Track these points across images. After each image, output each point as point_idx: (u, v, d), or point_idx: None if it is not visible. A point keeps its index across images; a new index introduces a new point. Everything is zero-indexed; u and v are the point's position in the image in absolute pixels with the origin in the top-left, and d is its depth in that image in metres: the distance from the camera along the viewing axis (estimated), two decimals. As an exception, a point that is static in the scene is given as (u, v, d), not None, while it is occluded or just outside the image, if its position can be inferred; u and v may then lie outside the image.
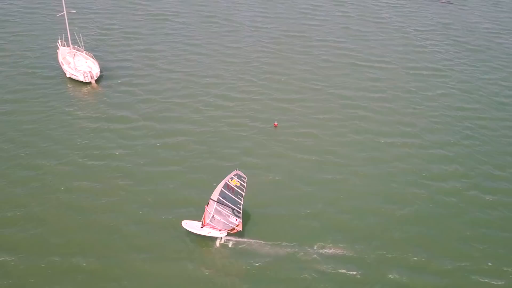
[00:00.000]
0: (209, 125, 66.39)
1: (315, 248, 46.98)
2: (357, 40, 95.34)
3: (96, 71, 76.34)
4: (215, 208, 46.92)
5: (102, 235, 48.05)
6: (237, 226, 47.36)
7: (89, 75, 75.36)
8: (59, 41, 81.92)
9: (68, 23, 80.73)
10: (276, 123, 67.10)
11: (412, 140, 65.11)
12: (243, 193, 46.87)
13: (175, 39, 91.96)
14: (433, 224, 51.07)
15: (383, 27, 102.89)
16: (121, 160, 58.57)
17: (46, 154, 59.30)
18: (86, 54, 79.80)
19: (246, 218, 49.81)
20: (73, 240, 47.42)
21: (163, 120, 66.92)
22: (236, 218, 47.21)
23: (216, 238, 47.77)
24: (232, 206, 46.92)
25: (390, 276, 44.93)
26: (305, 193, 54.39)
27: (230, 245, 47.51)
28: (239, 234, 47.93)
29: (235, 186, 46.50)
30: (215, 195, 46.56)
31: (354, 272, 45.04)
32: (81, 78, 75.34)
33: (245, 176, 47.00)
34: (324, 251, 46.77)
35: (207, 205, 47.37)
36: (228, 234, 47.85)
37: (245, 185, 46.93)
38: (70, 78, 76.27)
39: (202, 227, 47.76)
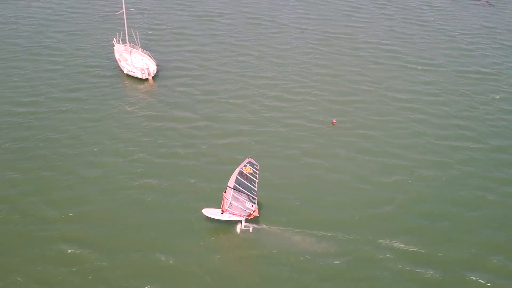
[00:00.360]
0: (267, 125, 66.90)
1: (388, 244, 47.39)
2: (403, 42, 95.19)
3: (153, 68, 77.57)
4: (232, 195, 48.94)
5: (176, 231, 48.80)
6: (253, 212, 49.45)
7: (146, 72, 76.64)
8: (114, 38, 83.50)
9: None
10: (334, 121, 67.81)
11: (473, 143, 64.95)
12: (257, 180, 48.62)
13: (224, 40, 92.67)
14: (505, 228, 50.97)
15: (428, 29, 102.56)
16: (187, 159, 59.32)
17: (112, 152, 60.32)
18: (142, 51, 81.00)
19: (311, 216, 50.34)
20: (147, 236, 48.20)
21: (223, 120, 67.58)
22: (252, 204, 49.20)
23: (236, 224, 49.76)
24: (247, 192, 48.83)
25: (468, 278, 45.02)
26: (372, 195, 54.63)
27: (250, 230, 49.32)
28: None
29: (249, 173, 48.28)
30: (231, 182, 48.61)
31: (431, 273, 45.25)
32: (139, 75, 76.53)
33: (257, 164, 48.58)
34: (394, 250, 47.11)
35: (224, 192, 49.32)
36: (247, 220, 49.73)
37: (257, 172, 48.57)
38: (127, 75, 77.52)
39: (222, 213, 49.90)
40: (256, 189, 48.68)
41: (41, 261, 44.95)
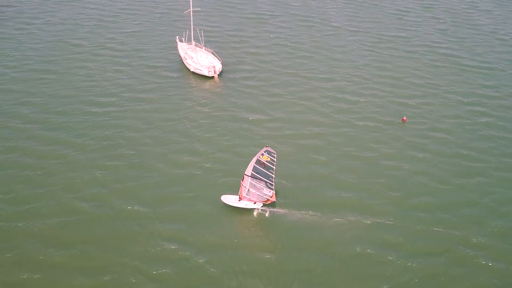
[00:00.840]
0: (338, 125, 67.73)
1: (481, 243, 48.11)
2: (457, 45, 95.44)
3: (218, 66, 79.09)
4: (250, 182, 50.82)
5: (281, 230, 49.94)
6: (271, 197, 51.26)
7: (212, 69, 78.21)
8: (177, 37, 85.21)
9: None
10: (405, 118, 68.93)
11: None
12: (274, 167, 49.91)
13: (280, 41, 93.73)
14: None
15: (479, 32, 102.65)
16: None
17: (192, 151, 61.41)
18: (205, 50, 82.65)
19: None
20: (257, 235, 49.31)
21: (294, 121, 68.47)
22: (270, 190, 50.89)
23: (253, 209, 51.63)
24: (265, 179, 50.46)
25: None
26: (457, 195, 55.25)
27: (266, 215, 51.21)
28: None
29: (266, 161, 49.70)
30: (248, 170, 50.33)
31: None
32: (206, 73, 78.11)
33: (274, 152, 49.78)
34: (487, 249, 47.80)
35: (242, 180, 51.25)
36: (264, 205, 51.70)
37: (275, 160, 49.70)
38: (193, 73, 79.12)
39: (239, 200, 51.89)
40: (273, 176, 50.20)
41: (146, 258, 46.15)
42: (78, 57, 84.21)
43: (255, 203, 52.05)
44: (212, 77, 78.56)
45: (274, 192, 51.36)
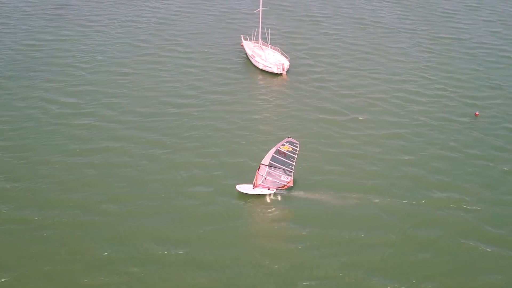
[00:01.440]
0: (416, 125, 69.02)
1: None
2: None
3: (287, 63, 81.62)
4: (267, 171, 51.61)
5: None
6: (288, 183, 52.28)
7: (281, 66, 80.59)
8: (242, 36, 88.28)
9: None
10: (477, 113, 71.21)
11: None
12: (295, 156, 50.78)
13: (339, 42, 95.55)
14: None
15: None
16: (355, 148, 63.07)
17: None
18: (271, 47, 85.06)
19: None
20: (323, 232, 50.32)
21: (373, 121, 70.04)
22: (288, 176, 51.91)
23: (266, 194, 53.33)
24: (283, 167, 51.28)
25: None
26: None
27: (279, 198, 52.97)
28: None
29: (287, 151, 50.33)
30: (266, 160, 51.01)
31: None
32: (275, 70, 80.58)
33: (297, 142, 50.59)
34: None
35: (258, 169, 51.87)
36: (278, 190, 53.14)
37: (297, 149, 50.51)
38: (261, 70, 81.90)
39: (254, 188, 52.87)
40: (294, 164, 51.09)
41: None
42: (147, 59, 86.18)
43: (269, 189, 53.05)
44: (281, 74, 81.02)
45: (292, 178, 52.39)
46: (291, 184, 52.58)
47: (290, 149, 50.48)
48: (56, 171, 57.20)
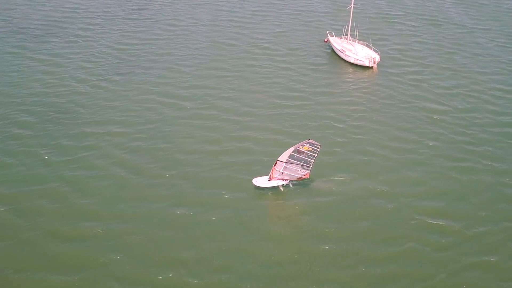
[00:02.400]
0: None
1: None
2: None
3: (377, 57, 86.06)
4: (284, 167, 52.55)
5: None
6: (304, 175, 53.23)
7: (372, 60, 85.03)
8: (327, 32, 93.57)
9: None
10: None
11: None
12: (316, 155, 52.25)
13: (417, 36, 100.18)
14: None
15: None
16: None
17: (397, 138, 67.04)
18: (359, 42, 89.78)
19: None
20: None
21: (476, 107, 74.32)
22: (305, 170, 52.86)
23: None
24: (301, 163, 52.27)
25: None
26: None
27: (291, 185, 54.65)
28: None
29: (307, 151, 51.46)
30: (283, 156, 52.05)
31: None
32: (367, 63, 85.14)
33: (318, 144, 52.13)
34: None
35: (274, 165, 52.77)
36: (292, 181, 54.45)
37: (318, 150, 51.98)
38: (352, 64, 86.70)
39: (269, 180, 53.90)
40: (313, 161, 52.39)
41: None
42: (242, 56, 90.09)
43: (283, 180, 54.07)
44: (371, 67, 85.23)
45: (309, 172, 53.46)
46: (307, 176, 53.77)
47: (310, 149, 51.63)
48: (199, 161, 61.00)
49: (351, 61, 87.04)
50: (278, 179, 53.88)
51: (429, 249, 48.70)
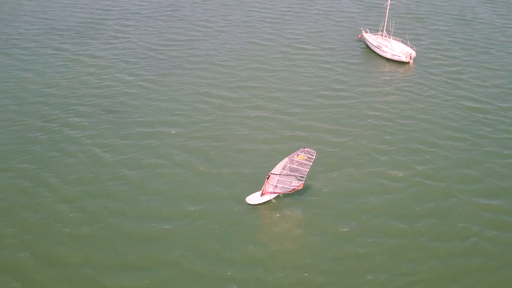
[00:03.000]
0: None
1: None
2: None
3: (414, 53, 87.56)
4: (278, 179, 51.06)
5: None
6: (298, 186, 51.51)
7: (409, 55, 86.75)
8: (361, 29, 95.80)
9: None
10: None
11: None
12: (311, 164, 50.69)
13: (449, 35, 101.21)
14: None
15: None
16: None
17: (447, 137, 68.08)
18: (394, 38, 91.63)
19: None
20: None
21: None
22: (299, 181, 51.11)
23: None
24: (295, 174, 50.66)
25: None
26: None
27: (281, 196, 52.91)
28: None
29: (302, 160, 50.03)
30: (277, 169, 50.53)
31: None
32: (404, 58, 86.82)
33: (314, 151, 50.90)
34: None
35: (267, 179, 51.09)
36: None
37: (313, 158, 50.47)
38: (388, 59, 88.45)
39: (262, 195, 52.08)
40: (307, 170, 50.85)
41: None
42: (279, 56, 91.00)
43: (276, 193, 52.47)
44: (408, 62, 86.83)
45: (303, 183, 51.70)
46: (301, 187, 51.99)
47: (305, 158, 50.25)
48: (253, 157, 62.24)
49: (388, 56, 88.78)
50: (271, 193, 52.36)
51: (491, 244, 49.85)
